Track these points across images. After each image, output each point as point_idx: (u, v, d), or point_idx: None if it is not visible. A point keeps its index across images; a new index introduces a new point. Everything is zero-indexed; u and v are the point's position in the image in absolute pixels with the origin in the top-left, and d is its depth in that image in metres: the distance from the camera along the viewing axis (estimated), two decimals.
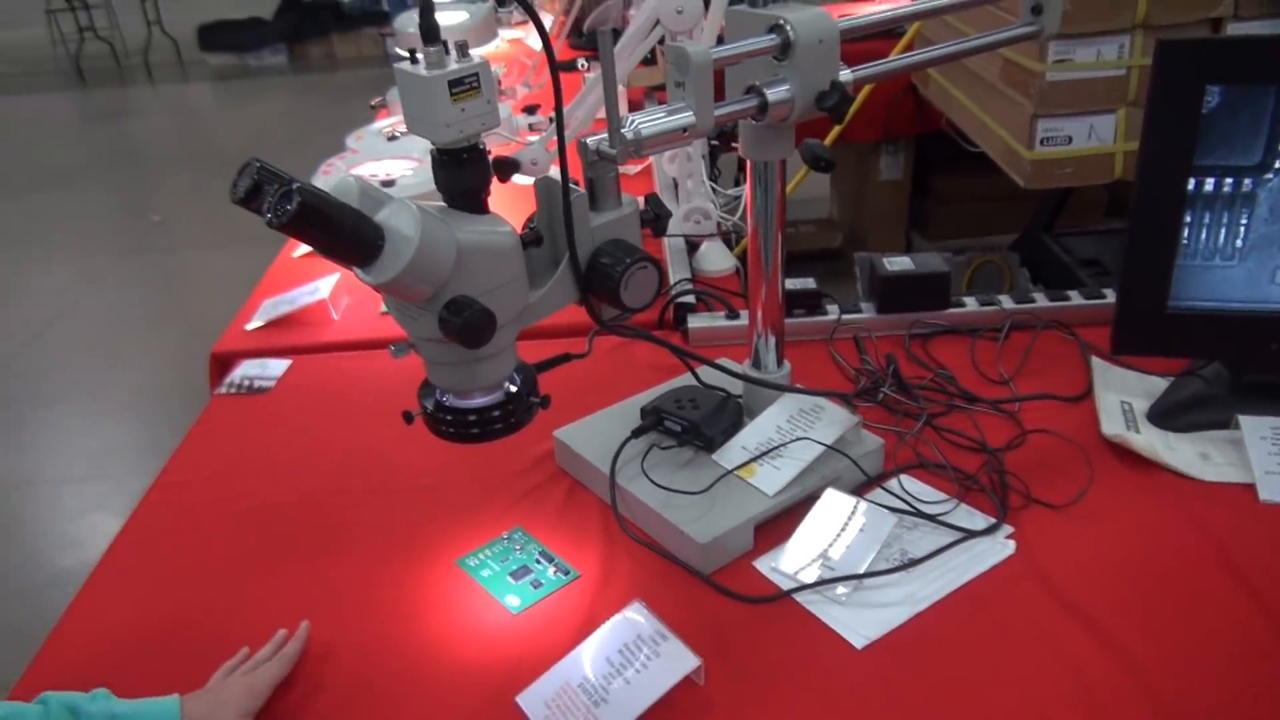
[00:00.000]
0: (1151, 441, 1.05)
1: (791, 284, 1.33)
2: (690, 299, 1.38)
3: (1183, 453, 1.05)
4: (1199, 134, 0.98)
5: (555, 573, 0.93)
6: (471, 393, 0.80)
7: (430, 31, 0.69)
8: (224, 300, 1.69)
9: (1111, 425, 1.08)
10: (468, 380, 0.78)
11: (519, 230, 0.79)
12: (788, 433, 1.02)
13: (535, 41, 2.81)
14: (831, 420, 1.02)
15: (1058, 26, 1.06)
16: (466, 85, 0.69)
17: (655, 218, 0.85)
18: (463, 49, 0.69)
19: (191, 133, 6.66)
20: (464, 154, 0.72)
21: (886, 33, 1.72)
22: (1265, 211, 1.00)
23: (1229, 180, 1.00)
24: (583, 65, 2.64)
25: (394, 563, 0.96)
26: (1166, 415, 1.10)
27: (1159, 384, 1.16)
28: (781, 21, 0.86)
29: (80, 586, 0.97)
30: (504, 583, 0.92)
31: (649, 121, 0.80)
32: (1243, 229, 1.01)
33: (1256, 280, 1.03)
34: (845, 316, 1.32)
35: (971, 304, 1.33)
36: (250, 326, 1.43)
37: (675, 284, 1.43)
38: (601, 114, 1.51)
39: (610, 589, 0.91)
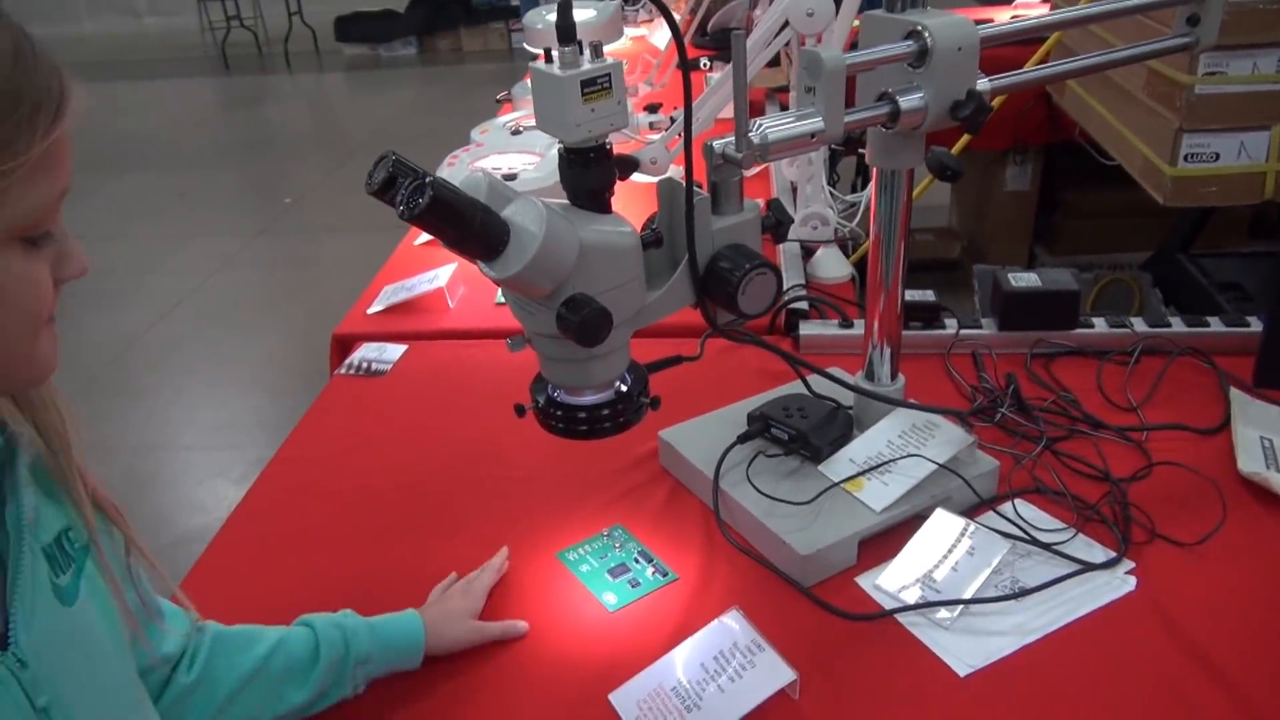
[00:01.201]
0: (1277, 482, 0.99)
1: (909, 295, 1.29)
2: (803, 305, 1.37)
3: None
4: None
5: (653, 573, 0.93)
6: (583, 390, 0.80)
7: (566, 31, 0.69)
8: (348, 283, 1.75)
9: (1250, 462, 1.02)
10: (580, 377, 0.79)
11: (639, 231, 0.79)
12: (899, 448, 0.99)
13: (659, 39, 2.82)
14: (945, 438, 0.99)
15: (1215, 38, 1.01)
16: (599, 86, 0.69)
17: (777, 224, 0.84)
18: (597, 49, 0.70)
19: (324, 120, 6.94)
20: (591, 153, 0.72)
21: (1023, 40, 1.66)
22: None
23: None
24: (705, 65, 2.63)
25: (497, 550, 0.98)
26: None
27: None
28: (919, 27, 0.84)
29: (204, 548, 1.02)
30: (602, 579, 0.93)
31: (776, 126, 0.79)
32: None
33: None
34: (964, 331, 1.28)
35: (1100, 325, 1.27)
36: (371, 310, 1.47)
37: (789, 289, 1.41)
38: (723, 114, 1.51)
39: (708, 594, 0.91)
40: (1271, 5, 1.50)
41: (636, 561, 0.95)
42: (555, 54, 0.70)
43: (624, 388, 0.82)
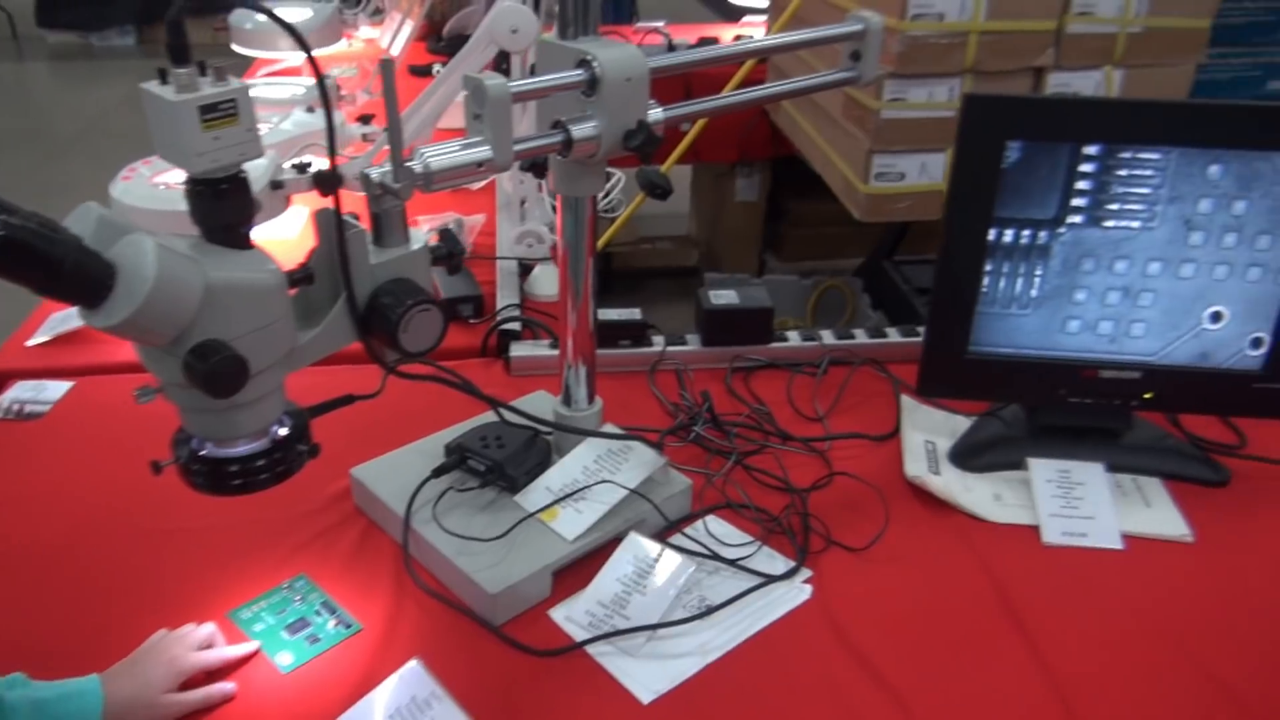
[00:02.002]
0: (949, 483, 1.08)
1: (617, 314, 1.31)
2: (515, 326, 1.35)
3: (978, 494, 1.08)
4: (1000, 186, 1.01)
5: (336, 625, 0.88)
6: (232, 440, 0.74)
7: (179, 51, 0.63)
8: (11, 310, 1.55)
9: (914, 466, 1.10)
10: (227, 427, 0.72)
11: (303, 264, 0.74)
12: (593, 474, 0.99)
13: (396, 44, 2.71)
14: (638, 462, 1.00)
15: (875, 73, 1.08)
16: (222, 112, 0.63)
17: (448, 254, 0.81)
18: (220, 72, 0.64)
19: (23, 115, 6.18)
20: (221, 184, 0.66)
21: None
22: (1058, 264, 1.04)
23: (1026, 232, 1.03)
24: (438, 71, 2.57)
25: (163, 613, 0.89)
26: (965, 456, 1.13)
27: (964, 424, 1.19)
28: (589, 57, 0.84)
29: None
30: (277, 638, 0.86)
31: (441, 154, 0.76)
32: (1037, 279, 1.04)
33: (1048, 329, 1.06)
34: (670, 349, 1.31)
35: (794, 339, 1.34)
36: (31, 342, 1.31)
37: (502, 309, 1.39)
38: (443, 123, 1.46)
39: (394, 644, 0.86)
40: (941, 40, 1.64)
41: (318, 614, 0.89)
42: (170, 76, 0.63)
43: (282, 432, 0.76)
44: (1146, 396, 1.08)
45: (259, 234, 0.70)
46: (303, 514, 1.02)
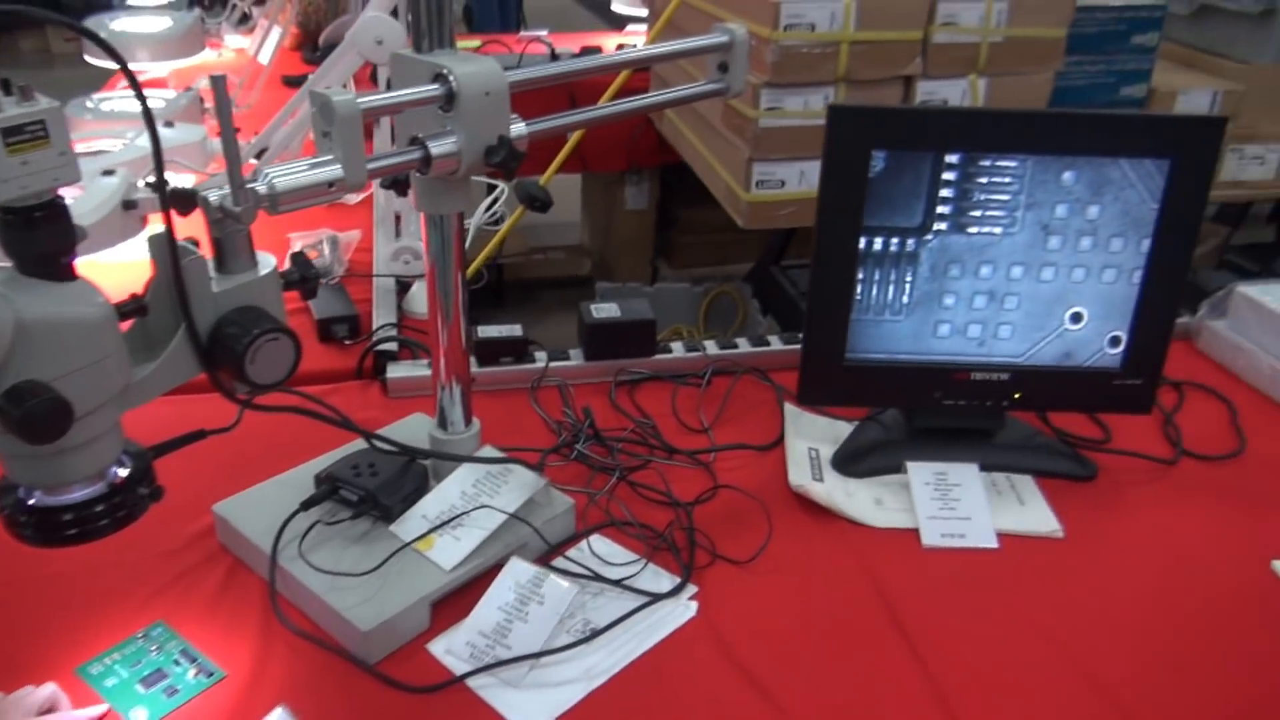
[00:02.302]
0: (832, 489, 1.08)
1: (497, 331, 1.28)
2: (393, 346, 1.30)
3: (860, 499, 1.09)
4: (867, 196, 1.02)
5: (196, 675, 0.82)
6: (64, 487, 0.68)
7: None
8: None
9: (797, 474, 1.11)
10: (56, 473, 0.67)
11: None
12: (472, 499, 0.96)
13: (266, 53, 2.62)
14: (518, 484, 0.98)
15: (743, 85, 1.08)
16: (29, 135, 0.58)
17: (301, 279, 0.77)
18: (26, 92, 0.59)
19: None
20: (35, 212, 0.61)
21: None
22: (926, 270, 1.05)
23: (895, 240, 1.04)
24: None
25: (1, 674, 0.82)
26: (847, 461, 1.14)
27: (846, 429, 1.20)
28: (444, 70, 0.81)
29: None
30: (131, 693, 0.80)
31: (287, 174, 0.72)
32: (908, 286, 1.06)
33: (921, 334, 1.08)
34: (553, 364, 1.29)
35: (678, 349, 1.33)
36: None
37: (378, 329, 1.34)
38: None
39: (260, 690, 0.82)
40: (814, 50, 1.67)
41: (177, 663, 0.83)
42: None
43: (122, 474, 0.71)
44: (1016, 396, 1.11)
45: (112, 255, 0.66)
46: (162, 555, 0.96)
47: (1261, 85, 1.97)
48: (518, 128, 0.86)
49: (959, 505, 1.06)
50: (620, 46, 3.06)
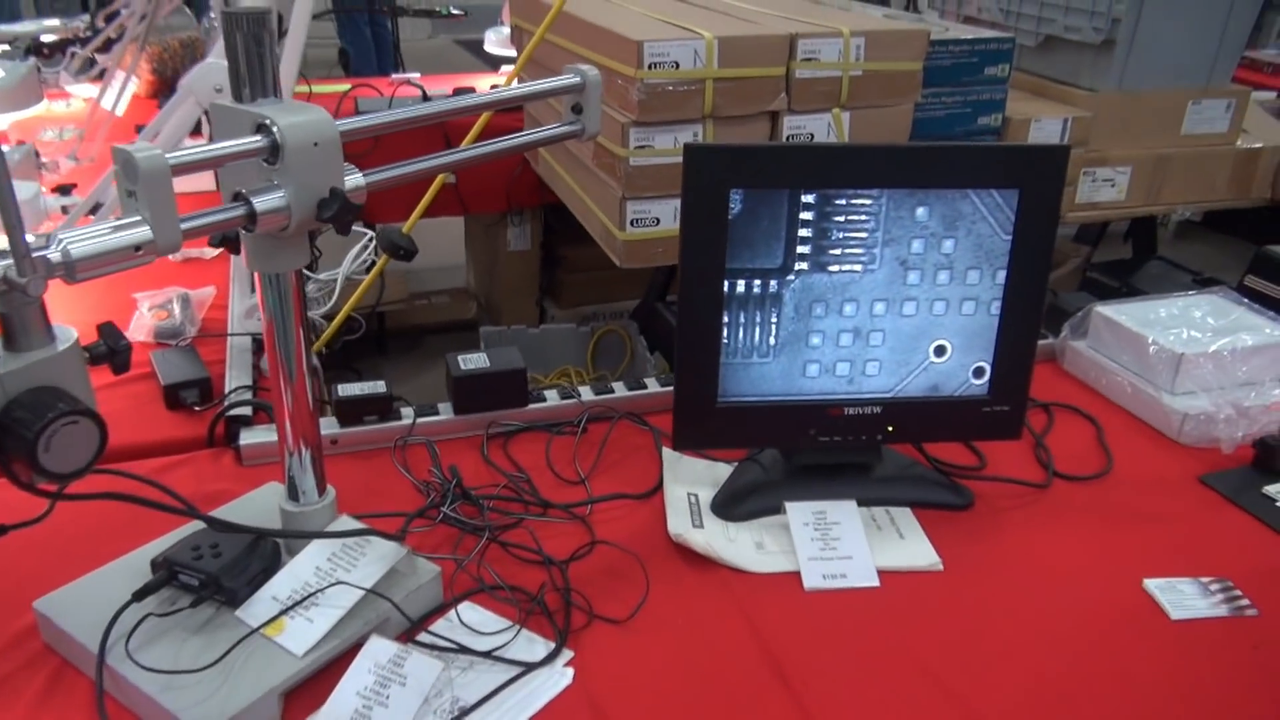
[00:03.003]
0: (711, 536, 1.06)
1: (359, 388, 1.22)
2: (247, 410, 1.22)
3: (741, 544, 1.06)
4: (728, 237, 1.01)
5: None
6: None
7: None
8: None
9: (677, 522, 1.08)
10: None
11: None
12: (327, 574, 0.90)
13: (110, 100, 2.49)
14: (376, 556, 0.92)
15: (598, 126, 1.06)
16: None
17: (110, 353, 0.71)
18: None
19: None
20: None
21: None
22: (791, 311, 1.04)
23: (758, 282, 1.03)
24: None
25: None
26: (726, 505, 1.11)
27: (726, 471, 1.18)
28: (267, 121, 0.76)
29: None
30: None
31: (85, 239, 0.66)
32: (774, 327, 1.05)
33: (790, 374, 1.07)
34: (421, 420, 1.23)
35: (553, 397, 1.29)
36: None
37: (229, 393, 1.26)
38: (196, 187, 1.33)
39: None
40: (680, 88, 1.67)
41: None
42: None
43: None
44: (889, 429, 1.11)
45: None
46: None
47: (1107, 111, 2.07)
48: (353, 179, 0.82)
49: (839, 544, 1.05)
50: (494, 86, 3.03)
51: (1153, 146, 2.14)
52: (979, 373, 1.09)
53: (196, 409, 1.26)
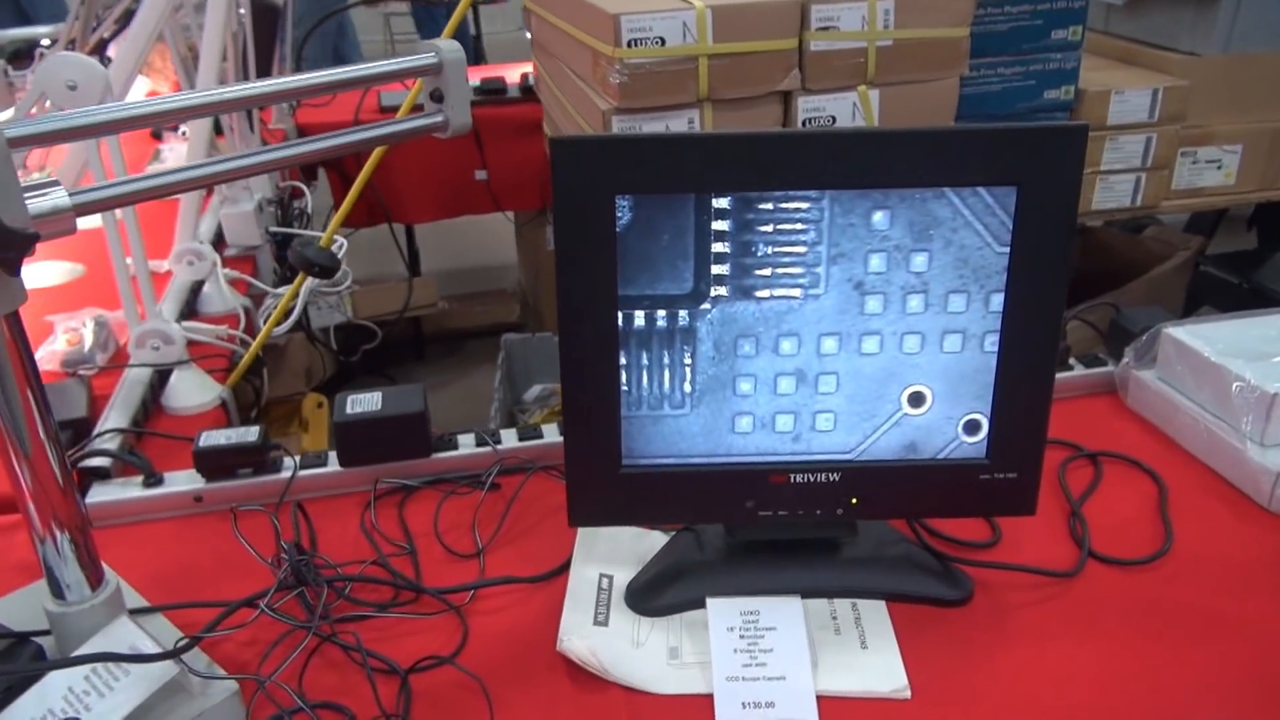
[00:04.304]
0: (608, 642, 0.82)
1: (225, 437, 1.03)
2: (104, 461, 1.05)
3: (649, 650, 0.83)
4: (618, 257, 0.77)
5: None
6: None
7: None
8: None
9: (570, 620, 0.84)
10: None
11: None
12: (75, 701, 0.71)
13: None
14: (138, 678, 0.72)
15: (466, 119, 0.83)
16: None
17: None
18: None
19: None
20: None
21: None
22: (710, 349, 0.80)
23: (662, 313, 0.79)
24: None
25: None
26: (643, 595, 0.88)
27: (658, 543, 0.94)
28: None
29: None
30: None
31: None
32: (688, 370, 0.80)
33: (715, 429, 0.82)
34: (305, 472, 1.03)
35: (467, 444, 1.07)
36: None
37: (94, 437, 1.09)
38: None
39: None
40: (668, 69, 1.43)
41: None
42: None
43: None
44: (853, 503, 0.84)
45: None
46: None
47: (1210, 79, 1.71)
48: (53, 199, 0.62)
49: (770, 658, 0.80)
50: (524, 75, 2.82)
51: (1268, 120, 1.76)
52: (972, 428, 0.82)
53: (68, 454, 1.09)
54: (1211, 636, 0.82)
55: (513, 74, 2.75)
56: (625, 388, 0.81)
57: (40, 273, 1.60)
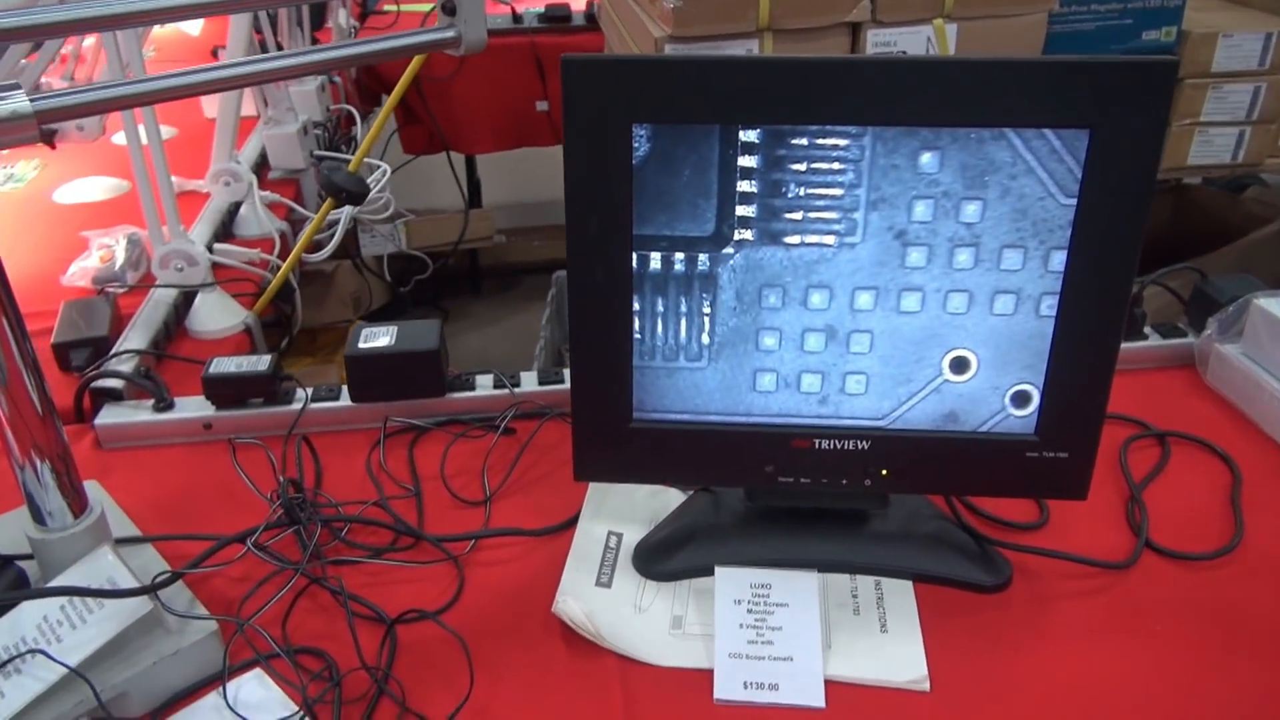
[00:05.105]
0: (611, 605, 0.77)
1: (235, 365, 0.99)
2: (116, 382, 1.03)
3: (652, 617, 0.77)
4: (634, 193, 0.70)
5: None
6: None
7: None
8: None
9: (570, 580, 0.80)
10: None
11: None
12: (48, 631, 0.69)
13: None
14: (110, 613, 0.69)
15: (481, 35, 0.77)
16: None
17: None
18: None
19: None
20: None
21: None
22: (731, 298, 0.72)
23: (681, 256, 0.72)
24: None
25: None
26: (651, 557, 0.82)
27: (674, 501, 0.88)
28: None
29: None
30: None
31: None
32: (707, 320, 0.73)
33: (734, 386, 0.75)
34: (315, 406, 1.00)
35: (484, 386, 1.03)
36: None
37: (109, 357, 1.07)
38: None
39: None
40: None
41: None
42: None
43: None
44: (883, 474, 0.77)
45: None
46: None
47: None
48: (12, 104, 0.57)
49: (778, 637, 0.74)
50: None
51: None
52: (1021, 400, 0.74)
53: (86, 374, 1.08)
54: (1271, 646, 0.74)
55: (579, 0, 2.65)
56: (638, 335, 0.74)
57: (84, 188, 1.58)
